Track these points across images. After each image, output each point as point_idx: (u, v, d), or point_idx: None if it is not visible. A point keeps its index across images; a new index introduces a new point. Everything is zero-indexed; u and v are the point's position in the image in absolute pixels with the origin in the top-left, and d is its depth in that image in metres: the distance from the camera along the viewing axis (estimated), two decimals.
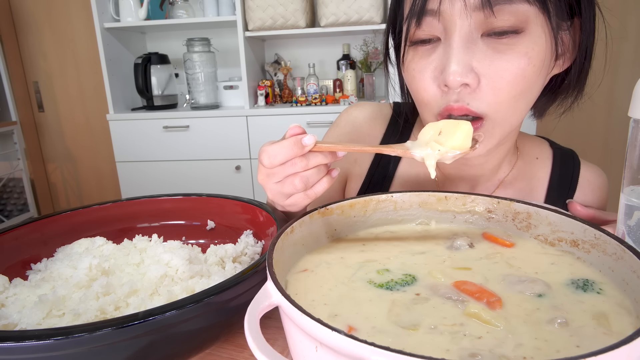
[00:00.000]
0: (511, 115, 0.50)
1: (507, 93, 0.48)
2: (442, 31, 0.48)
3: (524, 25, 0.46)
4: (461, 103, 0.48)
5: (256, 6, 2.12)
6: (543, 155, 0.68)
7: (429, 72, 0.50)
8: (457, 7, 0.46)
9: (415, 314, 0.32)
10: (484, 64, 0.47)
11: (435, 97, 0.51)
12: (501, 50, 0.46)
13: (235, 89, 2.39)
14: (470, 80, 0.46)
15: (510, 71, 0.47)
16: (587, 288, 0.34)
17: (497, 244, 0.43)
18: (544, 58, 0.48)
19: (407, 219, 0.48)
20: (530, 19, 0.46)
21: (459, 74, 0.46)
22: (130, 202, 0.60)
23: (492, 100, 0.48)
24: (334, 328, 0.24)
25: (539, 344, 0.28)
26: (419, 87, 0.52)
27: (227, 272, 0.48)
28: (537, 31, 0.46)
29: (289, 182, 0.46)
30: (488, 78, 0.47)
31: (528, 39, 0.46)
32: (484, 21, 0.46)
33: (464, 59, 0.46)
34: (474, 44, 0.47)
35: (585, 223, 0.38)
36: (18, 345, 0.30)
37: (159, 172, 2.34)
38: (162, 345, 0.34)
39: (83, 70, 2.73)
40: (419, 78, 0.51)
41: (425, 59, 0.50)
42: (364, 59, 2.34)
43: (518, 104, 0.50)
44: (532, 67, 0.47)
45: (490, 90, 0.47)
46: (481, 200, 0.46)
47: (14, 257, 0.52)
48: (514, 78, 0.47)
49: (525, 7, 0.45)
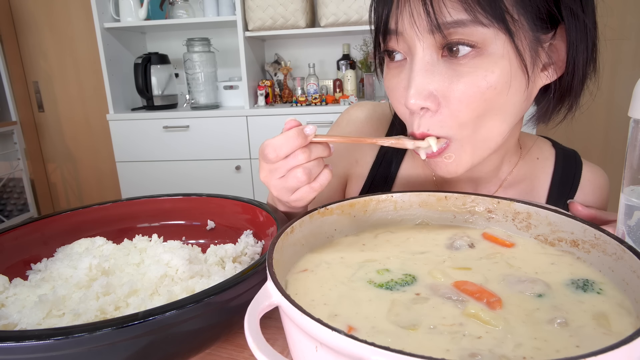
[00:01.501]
0: (482, 133, 0.49)
1: (467, 115, 0.47)
2: (407, 50, 0.48)
3: (481, 45, 0.44)
4: (422, 130, 0.48)
5: (256, 6, 2.12)
6: (544, 155, 0.68)
7: (399, 91, 0.50)
8: (410, 29, 0.46)
9: (415, 314, 0.32)
10: (442, 86, 0.46)
11: (404, 116, 0.52)
12: (460, 72, 0.45)
13: (235, 89, 2.39)
14: (430, 104, 0.46)
15: (468, 94, 0.45)
16: (587, 288, 0.34)
17: (497, 244, 0.43)
18: (508, 79, 0.45)
19: (407, 219, 0.48)
20: (488, 39, 0.43)
21: (416, 97, 0.46)
22: (130, 202, 0.60)
23: (453, 123, 0.47)
24: (334, 328, 0.24)
25: (538, 344, 0.28)
26: (392, 104, 0.53)
27: (227, 272, 0.48)
28: (497, 52, 0.44)
29: (292, 176, 0.47)
30: (447, 101, 0.46)
31: (488, 60, 0.44)
32: (440, 43, 0.45)
33: (422, 83, 0.46)
34: (434, 66, 0.46)
35: (585, 223, 0.38)
36: (18, 345, 0.30)
37: (159, 172, 2.34)
38: (162, 345, 0.34)
39: (83, 70, 2.73)
40: (392, 97, 0.52)
41: (395, 77, 0.51)
42: (364, 59, 2.34)
43: (486, 122, 0.48)
44: (492, 90, 0.45)
45: (450, 113, 0.47)
46: (481, 200, 0.46)
47: (14, 257, 0.52)
48: (473, 101, 0.46)
49: (480, 29, 0.43)
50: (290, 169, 0.47)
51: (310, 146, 0.46)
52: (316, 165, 0.47)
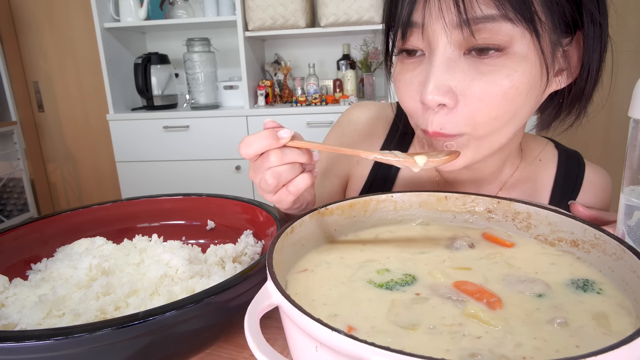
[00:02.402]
0: (492, 134, 0.49)
1: (485, 115, 0.46)
2: (427, 46, 0.47)
3: (507, 45, 0.43)
4: (435, 128, 0.47)
5: (256, 6, 2.12)
6: (547, 157, 0.67)
7: (413, 86, 0.49)
8: (438, 25, 0.44)
9: (415, 314, 0.32)
10: (463, 84, 0.45)
11: (416, 112, 0.50)
12: (483, 71, 0.45)
13: (235, 89, 2.39)
14: (448, 100, 0.45)
15: (490, 93, 0.45)
16: (587, 288, 0.34)
17: (497, 244, 0.43)
18: (530, 80, 0.45)
19: (407, 219, 0.48)
20: (515, 38, 0.43)
21: (435, 93, 0.44)
22: (130, 202, 0.60)
23: (468, 122, 0.47)
24: (334, 328, 0.24)
25: (538, 344, 0.28)
26: (403, 99, 0.51)
27: (227, 272, 0.48)
28: (522, 51, 0.44)
29: (262, 178, 0.45)
30: (466, 99, 0.45)
31: (512, 60, 0.44)
32: (465, 39, 0.44)
33: (443, 78, 0.45)
34: (455, 62, 0.45)
35: (585, 223, 0.38)
36: (18, 345, 0.30)
37: (159, 172, 2.34)
38: (162, 345, 0.34)
39: (83, 70, 2.73)
40: (404, 91, 0.51)
41: (410, 72, 0.49)
42: (364, 59, 2.34)
43: (500, 124, 0.47)
44: (514, 90, 0.45)
45: (468, 112, 0.46)
46: (481, 200, 0.46)
47: (14, 257, 0.52)
48: (493, 100, 0.45)
49: (508, 27, 0.42)
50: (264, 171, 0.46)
51: (285, 149, 0.44)
52: (288, 170, 0.45)
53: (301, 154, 0.45)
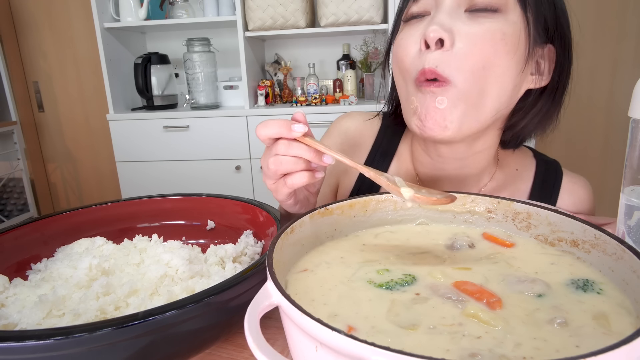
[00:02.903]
0: (476, 89, 0.52)
1: (476, 58, 0.51)
2: (434, 5, 0.54)
3: (502, 6, 0.51)
4: (430, 65, 0.51)
5: (256, 6, 2.12)
6: (524, 166, 0.68)
7: (413, 36, 0.55)
8: None
9: (414, 313, 0.32)
10: (461, 29, 0.51)
11: (413, 60, 0.54)
12: (479, 21, 0.51)
13: (235, 89, 2.39)
14: (446, 35, 0.50)
15: (483, 37, 0.50)
16: (587, 288, 0.34)
17: (497, 244, 0.43)
18: (517, 42, 0.51)
19: (407, 219, 0.48)
20: (509, 4, 0.51)
21: (436, 29, 0.50)
22: (130, 202, 0.60)
23: (460, 65, 0.51)
24: (334, 328, 0.24)
25: (538, 344, 0.28)
26: (402, 52, 0.56)
27: (227, 272, 0.48)
28: (514, 15, 0.51)
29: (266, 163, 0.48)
30: (462, 40, 0.51)
31: (504, 19, 0.51)
32: None
33: (445, 20, 0.51)
34: (457, 13, 0.52)
35: (585, 223, 0.38)
36: (18, 345, 0.30)
37: (159, 172, 2.34)
38: (162, 345, 0.34)
39: (83, 70, 2.73)
40: (404, 43, 0.56)
41: (414, 28, 0.55)
42: (364, 59, 2.34)
43: (484, 77, 0.52)
44: (504, 43, 0.51)
45: (462, 53, 0.51)
46: (481, 200, 0.46)
47: (14, 257, 0.52)
48: (484, 45, 0.50)
49: None
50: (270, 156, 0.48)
51: (293, 142, 0.46)
52: (291, 162, 0.47)
53: (308, 150, 0.46)
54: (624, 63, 2.35)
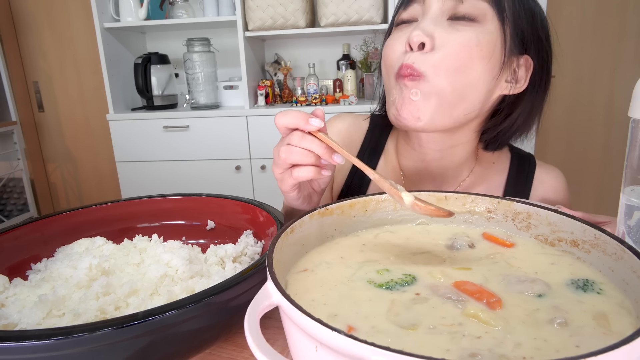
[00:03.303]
0: (449, 87, 0.57)
1: (450, 60, 0.56)
2: (421, 13, 0.59)
3: (481, 17, 0.56)
4: (409, 62, 0.57)
5: (256, 6, 2.12)
6: (500, 160, 0.73)
7: (400, 40, 0.60)
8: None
9: (414, 313, 0.32)
10: (442, 35, 0.56)
11: (397, 56, 0.60)
12: (458, 28, 0.56)
13: (235, 89, 2.39)
14: (427, 40, 0.55)
15: (460, 43, 0.55)
16: (588, 288, 0.34)
17: (497, 244, 0.43)
18: (491, 51, 0.57)
19: (407, 219, 0.48)
20: (487, 17, 0.57)
21: (419, 34, 0.55)
22: (130, 202, 0.60)
23: (435, 64, 0.56)
24: (334, 328, 0.24)
25: (538, 344, 0.28)
26: (389, 51, 0.61)
27: (227, 272, 0.48)
28: (490, 27, 0.57)
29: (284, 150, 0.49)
30: (441, 45, 0.56)
31: (482, 28, 0.56)
32: (452, 6, 0.57)
33: (429, 26, 0.56)
34: (440, 21, 0.57)
35: (585, 223, 0.38)
36: (18, 345, 0.30)
37: (159, 172, 2.34)
38: (162, 345, 0.34)
39: (83, 70, 2.73)
40: (391, 45, 0.61)
41: (402, 32, 0.61)
42: (364, 59, 2.34)
43: (457, 78, 0.56)
44: (478, 50, 0.56)
45: (439, 55, 0.56)
46: (481, 200, 0.46)
47: (14, 257, 0.52)
48: (460, 49, 0.55)
49: (485, 5, 0.57)
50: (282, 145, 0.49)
51: (307, 135, 0.48)
52: (301, 154, 0.48)
53: (320, 145, 0.48)
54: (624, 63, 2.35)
